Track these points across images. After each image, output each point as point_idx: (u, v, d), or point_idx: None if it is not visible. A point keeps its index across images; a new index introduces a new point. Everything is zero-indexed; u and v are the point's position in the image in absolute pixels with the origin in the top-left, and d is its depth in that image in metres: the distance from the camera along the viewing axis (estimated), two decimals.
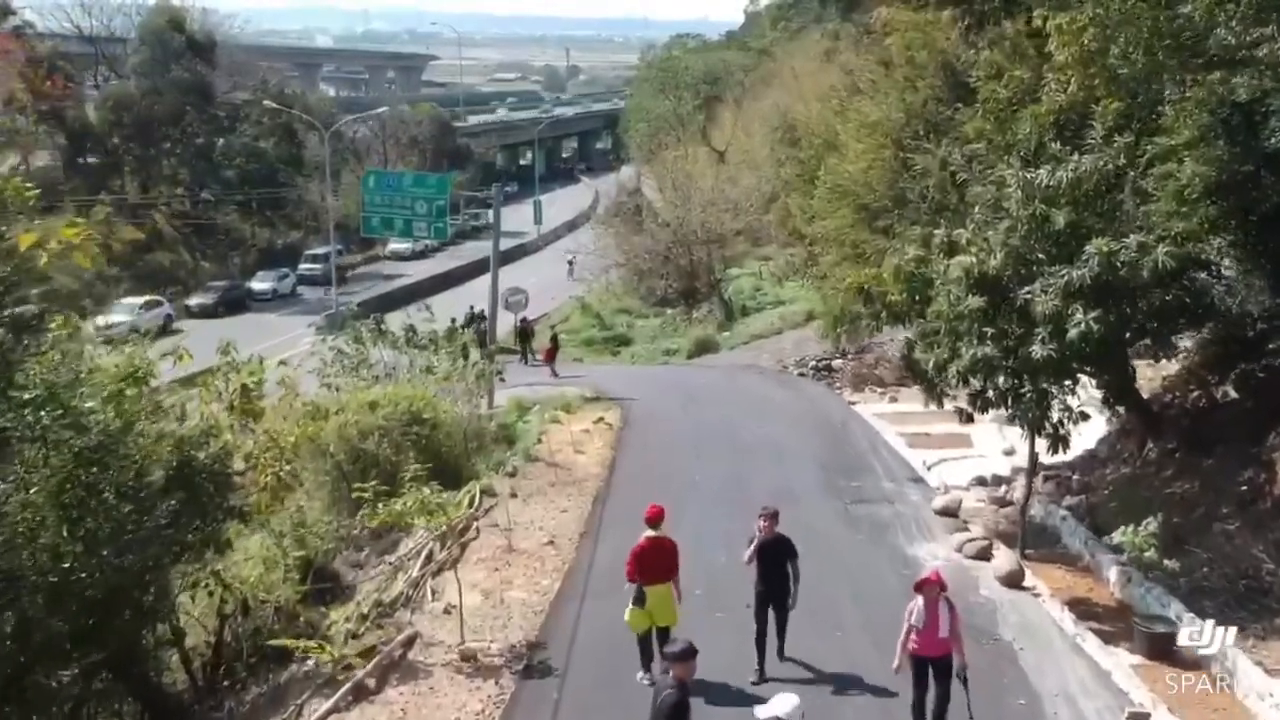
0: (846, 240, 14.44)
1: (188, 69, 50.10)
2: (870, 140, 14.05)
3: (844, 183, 14.36)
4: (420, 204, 26.26)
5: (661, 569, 10.28)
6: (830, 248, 14.83)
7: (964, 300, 10.84)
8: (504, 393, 28.49)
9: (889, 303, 11.61)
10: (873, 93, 15.37)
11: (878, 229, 13.97)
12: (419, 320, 22.66)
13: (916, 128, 13.65)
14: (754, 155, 53.59)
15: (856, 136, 14.58)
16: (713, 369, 30.30)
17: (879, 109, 14.10)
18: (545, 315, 43.91)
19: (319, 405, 17.57)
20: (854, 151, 14.71)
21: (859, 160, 14.33)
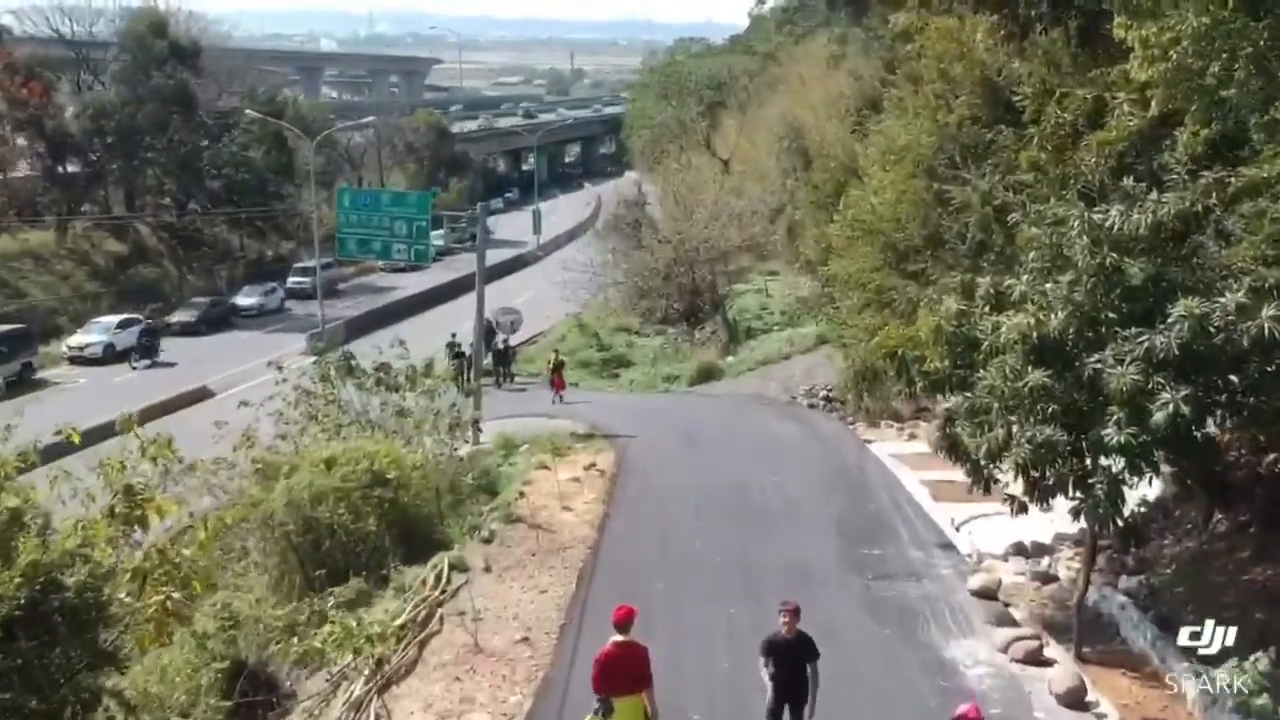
0: (870, 284, 12.40)
1: (171, 76, 48.16)
2: (898, 169, 12.00)
3: (867, 218, 12.31)
4: (400, 224, 24.31)
5: (631, 679, 8.99)
6: (850, 291, 12.78)
7: (1022, 373, 8.80)
8: (492, 425, 26.61)
9: (927, 371, 9.59)
10: (898, 111, 13.28)
11: (908, 273, 11.94)
12: (393, 355, 20.61)
13: (952, 153, 11.61)
14: (759, 164, 51.52)
15: (881, 163, 12.53)
16: (717, 399, 28.28)
17: (906, 131, 12.03)
18: (541, 334, 41.94)
19: (269, 463, 15.55)
20: (878, 180, 12.66)
21: (885, 191, 12.26)
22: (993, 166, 11.65)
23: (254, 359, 39.82)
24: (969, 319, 9.90)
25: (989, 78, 11.94)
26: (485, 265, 65.16)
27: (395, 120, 75.28)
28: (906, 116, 12.67)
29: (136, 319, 42.02)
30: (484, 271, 25.70)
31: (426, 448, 17.63)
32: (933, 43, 12.96)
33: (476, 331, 26.74)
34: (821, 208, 19.70)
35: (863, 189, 13.82)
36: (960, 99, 11.96)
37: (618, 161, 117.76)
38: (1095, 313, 9.29)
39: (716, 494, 18.43)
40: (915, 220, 11.83)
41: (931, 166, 11.69)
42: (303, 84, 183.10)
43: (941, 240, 11.55)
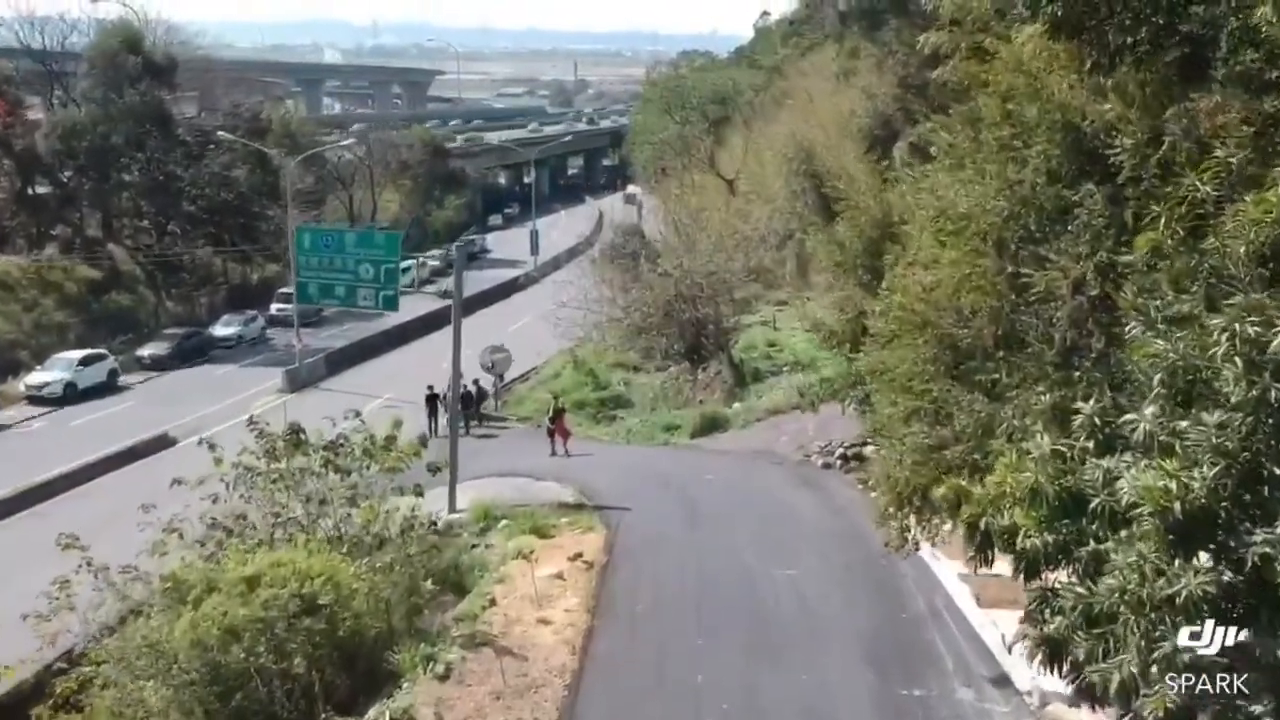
0: (920, 390, 9.67)
1: (144, 93, 45.59)
2: (958, 241, 9.28)
3: (919, 305, 9.58)
4: (365, 266, 21.70)
5: None
6: (893, 393, 10.07)
7: (1167, 571, 6.09)
8: (475, 486, 23.94)
9: (1021, 550, 6.87)
10: (951, 160, 10.51)
11: (973, 380, 9.21)
12: (349, 427, 17.90)
13: (1027, 222, 8.84)
14: (766, 185, 48.86)
15: (934, 230, 9.81)
16: (722, 456, 25.53)
17: (967, 191, 9.28)
18: (533, 370, 39.24)
19: (180, 581, 12.82)
20: (927, 251, 9.95)
21: (940, 267, 9.53)
22: (1081, 238, 8.89)
23: (226, 398, 37.26)
24: (1069, 463, 7.16)
25: (1072, 122, 9.16)
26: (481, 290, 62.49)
27: (388, 136, 72.55)
28: (964, 169, 9.89)
29: (102, 354, 39.34)
30: (460, 317, 23.02)
31: (377, 553, 14.86)
32: (997, 75, 10.20)
33: (453, 382, 24.05)
34: (848, 270, 16.71)
35: (905, 258, 11.01)
36: (1036, 149, 9.18)
37: (621, 174, 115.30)
38: (1258, 468, 6.56)
39: (722, 596, 15.69)
40: (983, 312, 9.08)
41: (1002, 239, 8.96)
42: (304, 95, 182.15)
43: (1019, 340, 8.81)
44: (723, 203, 50.05)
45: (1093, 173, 9.40)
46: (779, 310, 41.87)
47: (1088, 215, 9.03)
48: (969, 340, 9.16)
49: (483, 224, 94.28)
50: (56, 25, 48.42)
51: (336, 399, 38.80)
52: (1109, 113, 9.36)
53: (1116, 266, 8.45)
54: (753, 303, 42.27)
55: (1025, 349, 8.69)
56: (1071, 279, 8.33)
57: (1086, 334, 8.30)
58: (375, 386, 38.58)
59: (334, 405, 37.50)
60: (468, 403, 30.94)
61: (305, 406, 37.41)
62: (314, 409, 37.55)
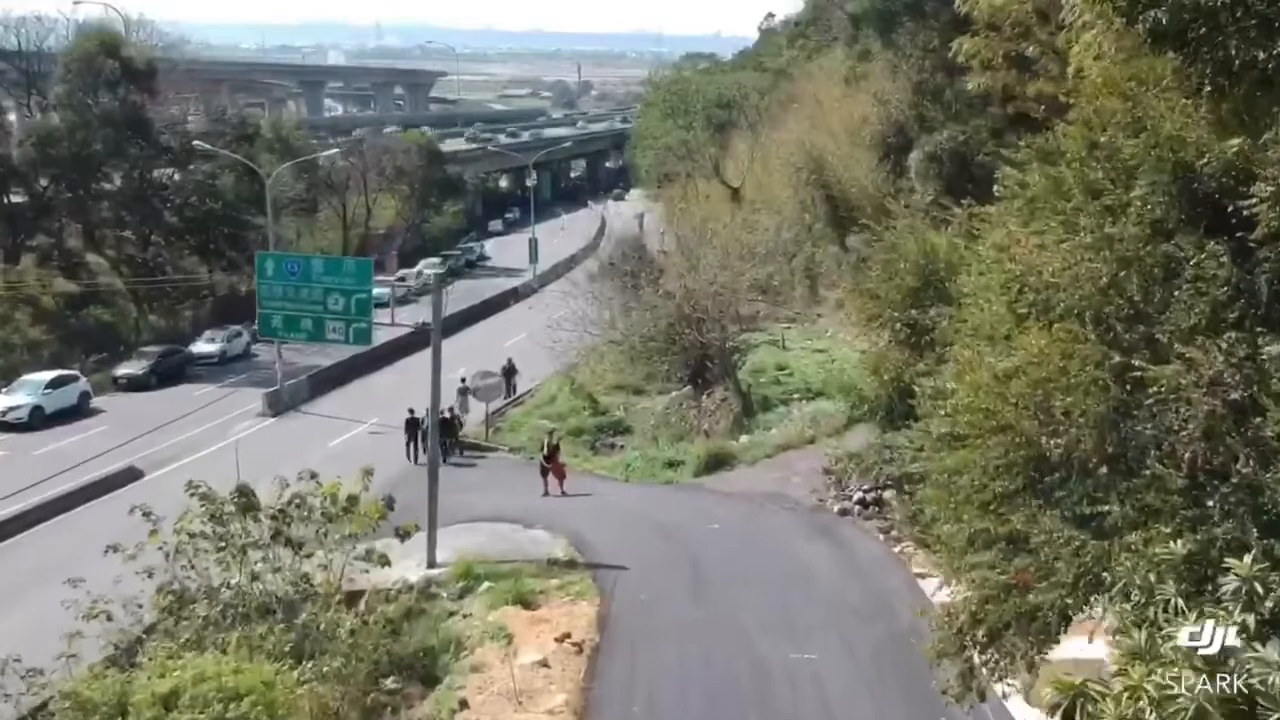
0: (991, 509, 7.53)
1: (122, 99, 43.52)
2: (1045, 318, 7.13)
3: (993, 401, 7.41)
4: (335, 297, 19.62)
5: None
6: (959, 507, 7.90)
7: None
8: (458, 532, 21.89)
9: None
10: (1025, 206, 8.32)
11: (1067, 504, 7.09)
12: (306, 489, 15.81)
13: (1129, 290, 6.70)
14: (773, 194, 46.81)
15: (1009, 300, 7.63)
16: (729, 499, 23.37)
17: (1053, 251, 7.14)
18: (528, 393, 37.07)
19: (82, 700, 10.71)
20: (1001, 326, 7.80)
21: (1020, 351, 7.35)
22: (1194, 309, 6.75)
23: (203, 422, 35.14)
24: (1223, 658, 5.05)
25: (1185, 161, 7.02)
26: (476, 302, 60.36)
27: (383, 140, 70.45)
28: (1044, 218, 7.74)
29: (73, 375, 37.23)
30: (440, 349, 20.93)
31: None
32: (1082, 101, 8.05)
33: (432, 416, 21.97)
34: (884, 325, 14.30)
35: (965, 329, 8.79)
36: (1137, 193, 7.05)
37: (624, 177, 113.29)
38: None
39: (729, 694, 13.57)
40: (1081, 416, 6.96)
41: (1102, 315, 6.87)
42: (305, 97, 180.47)
43: (1133, 457, 6.70)
44: (728, 213, 47.82)
45: (1212, 225, 7.25)
46: (787, 328, 39.76)
47: (1204, 281, 6.91)
48: (1061, 452, 7.06)
49: (483, 229, 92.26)
50: (33, 26, 46.50)
51: (318, 425, 36.76)
52: (1232, 149, 7.23)
53: (1261, 357, 6.31)
54: (759, 319, 40.17)
55: (1141, 469, 6.60)
56: (1202, 374, 6.21)
57: (1225, 452, 6.19)
58: (361, 409, 36.56)
59: (315, 431, 35.82)
60: (445, 430, 29.12)
61: (285, 433, 35.45)
62: (293, 436, 35.69)
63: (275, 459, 31.97)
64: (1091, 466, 6.93)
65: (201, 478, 29.57)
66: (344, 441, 33.55)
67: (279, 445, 33.35)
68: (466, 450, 31.14)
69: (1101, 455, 6.83)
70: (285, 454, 32.63)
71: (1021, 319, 7.54)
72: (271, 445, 33.36)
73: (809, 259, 42.00)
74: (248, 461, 31.79)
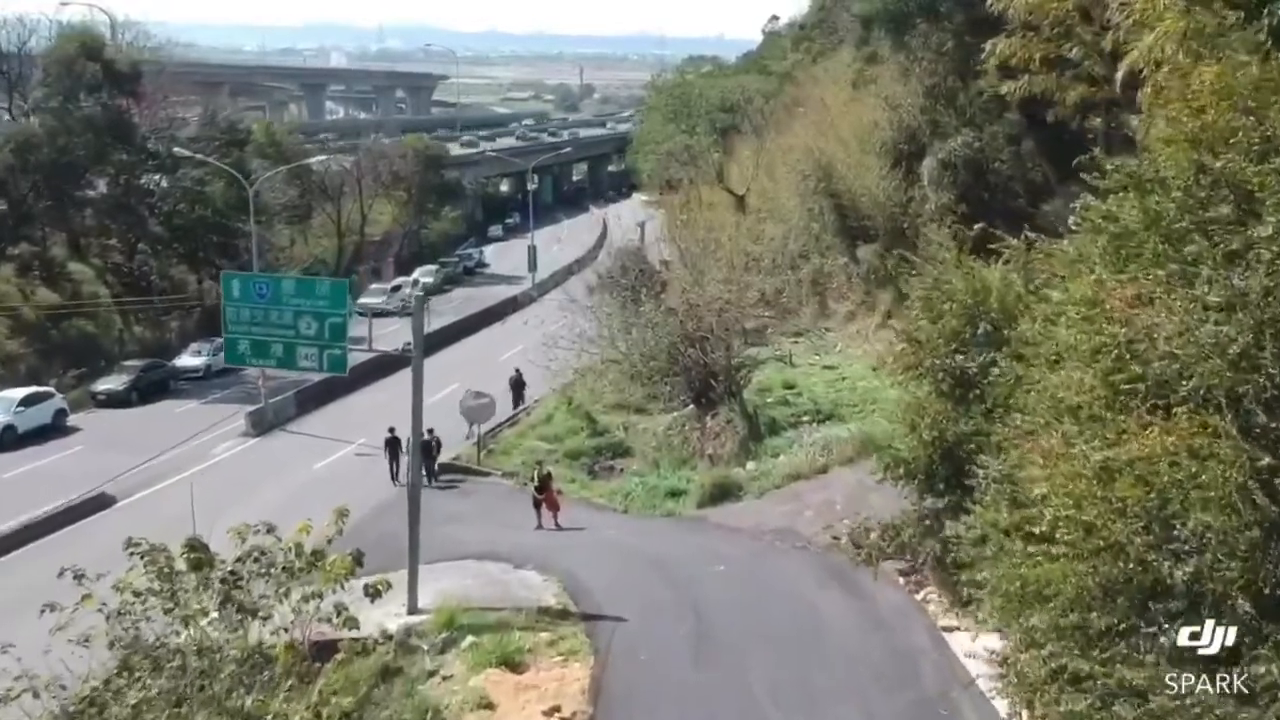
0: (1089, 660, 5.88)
1: (104, 103, 41.96)
2: (1161, 411, 5.48)
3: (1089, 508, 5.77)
4: (307, 321, 17.99)
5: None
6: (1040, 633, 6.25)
7: None
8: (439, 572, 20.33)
9: None
10: (1116, 249, 6.64)
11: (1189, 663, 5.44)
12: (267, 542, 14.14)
13: (1272, 370, 5.06)
14: (780, 203, 45.20)
15: (1105, 375, 5.99)
16: (735, 536, 21.74)
17: (1168, 312, 5.50)
18: (524, 411, 35.42)
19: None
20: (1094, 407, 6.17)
21: (1124, 443, 5.71)
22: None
23: (183, 442, 33.54)
24: None
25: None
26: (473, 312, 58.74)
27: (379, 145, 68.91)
28: (1148, 263, 6.09)
29: (48, 393, 35.65)
30: (421, 374, 19.35)
31: None
32: (1163, 110, 6.42)
33: (414, 446, 20.39)
34: (924, 375, 12.32)
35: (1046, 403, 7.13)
36: (1270, 236, 5.40)
37: (627, 181, 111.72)
38: None
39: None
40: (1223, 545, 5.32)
41: (1237, 398, 5.26)
42: (306, 100, 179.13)
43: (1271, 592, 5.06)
44: (732, 221, 46.23)
45: None
46: (794, 342, 38.14)
47: None
48: (1189, 580, 5.43)
49: (482, 235, 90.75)
50: (14, 28, 44.95)
51: (304, 445, 35.13)
52: None
53: None
54: (765, 333, 38.57)
55: None
56: None
57: None
58: (350, 428, 34.92)
59: (300, 453, 34.15)
60: (426, 453, 27.86)
61: (268, 455, 33.79)
62: (276, 458, 33.98)
63: (255, 484, 30.52)
64: (1231, 604, 5.33)
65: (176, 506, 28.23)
66: (329, 464, 31.97)
67: (260, 468, 31.79)
68: (456, 474, 29.63)
69: (1247, 591, 5.23)
70: (266, 478, 31.10)
71: (1123, 395, 5.93)
72: (252, 468, 31.80)
73: (817, 270, 40.40)
74: (225, 487, 30.33)
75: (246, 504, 28.45)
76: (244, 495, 28.94)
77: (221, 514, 27.49)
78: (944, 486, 10.80)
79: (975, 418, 9.09)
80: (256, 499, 28.41)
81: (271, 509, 26.74)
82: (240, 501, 28.68)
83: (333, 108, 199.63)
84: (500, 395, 35.76)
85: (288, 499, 28.49)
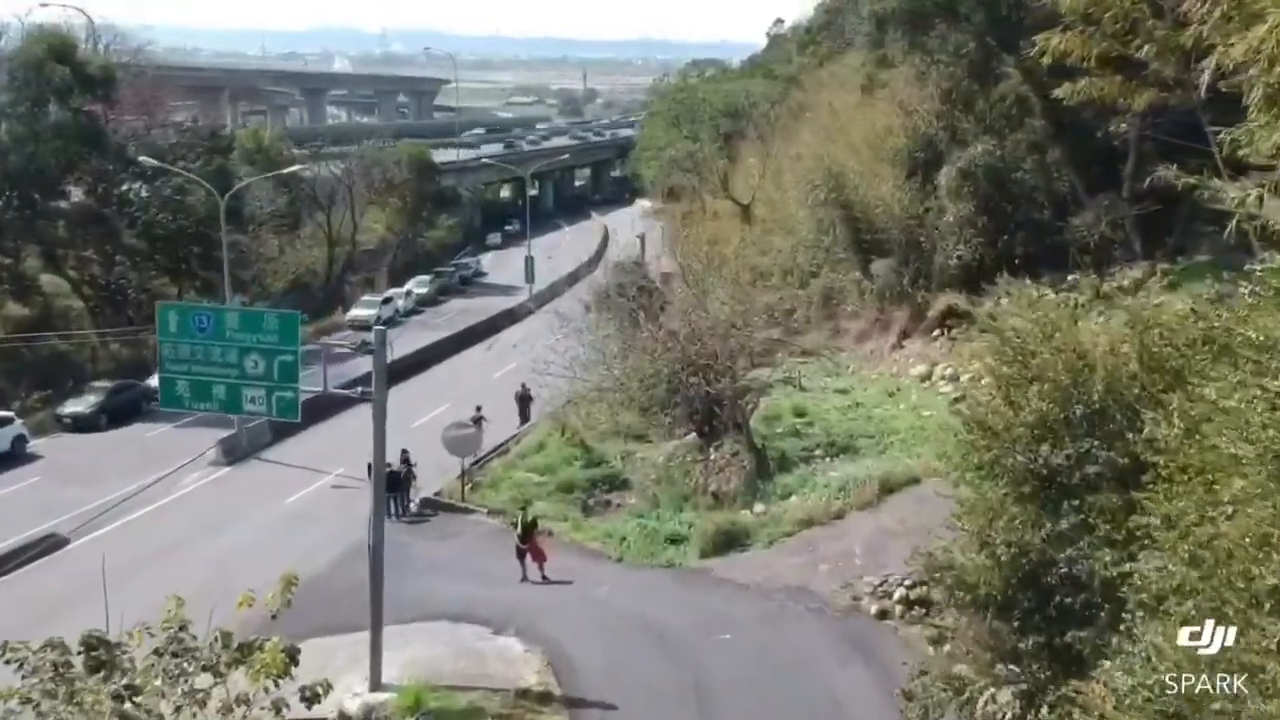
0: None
1: (76, 110, 39.77)
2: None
3: None
4: (254, 359, 15.74)
5: None
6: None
7: None
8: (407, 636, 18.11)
9: None
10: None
11: None
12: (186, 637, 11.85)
13: None
14: (788, 214, 42.88)
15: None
16: (742, 595, 19.40)
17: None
18: (513, 439, 33.10)
19: None
20: None
21: None
22: None
23: (150, 470, 30.82)
24: None
25: None
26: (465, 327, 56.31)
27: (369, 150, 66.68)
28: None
29: (7, 418, 33.40)
30: (383, 417, 17.12)
31: None
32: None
33: (376, 482, 18.15)
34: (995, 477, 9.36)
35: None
36: None
37: (630, 187, 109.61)
38: None
39: None
40: None
41: None
42: (307, 105, 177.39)
43: None
44: (737, 232, 44.01)
45: None
46: (803, 363, 35.79)
47: None
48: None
49: (481, 243, 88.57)
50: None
51: (277, 476, 32.69)
52: None
53: None
54: (773, 355, 36.18)
55: None
56: None
57: None
58: (328, 456, 32.53)
59: (272, 485, 31.60)
60: (395, 484, 26.26)
61: (237, 487, 31.28)
62: (246, 491, 31.17)
63: (218, 523, 28.14)
64: None
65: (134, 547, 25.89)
66: (303, 497, 29.66)
67: (227, 504, 29.45)
68: (439, 510, 27.47)
69: None
70: (232, 515, 28.71)
71: None
72: (218, 504, 29.45)
73: (827, 286, 38.08)
74: (187, 526, 28.00)
75: (204, 548, 26.15)
76: (204, 537, 26.68)
77: (176, 560, 25.36)
78: (1023, 621, 8.48)
79: (1068, 523, 6.79)
80: (216, 543, 26.19)
81: (230, 554, 24.50)
82: (197, 545, 26.40)
83: (334, 112, 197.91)
84: (500, 414, 33.72)
85: (251, 541, 26.26)
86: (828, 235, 37.47)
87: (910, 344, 33.81)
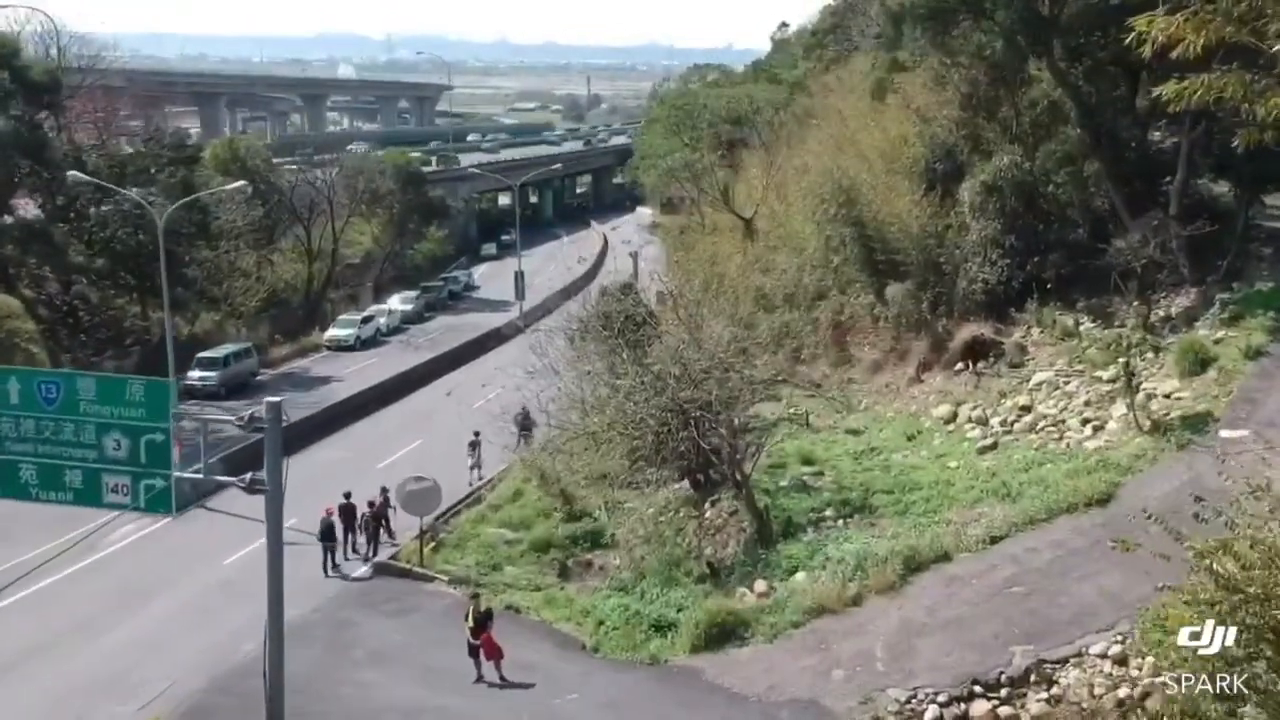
0: None
1: (18, 118, 36.55)
2: None
3: None
4: (114, 438, 12.37)
5: None
6: None
7: None
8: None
9: None
10: None
11: None
12: None
13: None
14: (793, 230, 39.41)
15: None
16: (739, 708, 15.93)
17: None
18: (489, 485, 29.69)
19: None
20: None
21: None
22: None
23: (78, 523, 27.44)
24: None
25: None
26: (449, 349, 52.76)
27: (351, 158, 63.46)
28: None
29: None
30: (279, 522, 13.67)
31: None
32: None
33: (271, 608, 14.65)
34: None
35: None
36: None
37: (631, 194, 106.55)
38: None
39: None
40: None
41: None
42: (307, 111, 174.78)
43: None
44: (738, 249, 40.60)
45: None
46: (810, 396, 32.33)
47: None
48: None
49: (475, 254, 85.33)
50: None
51: (221, 529, 28.14)
52: None
53: None
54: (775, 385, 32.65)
55: None
56: None
57: None
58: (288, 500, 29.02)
59: (213, 540, 27.40)
60: (351, 524, 25.35)
61: (175, 543, 27.35)
62: (184, 548, 26.91)
63: (144, 589, 24.53)
64: None
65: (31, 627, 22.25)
66: (243, 558, 25.97)
67: (158, 565, 25.96)
68: (394, 576, 24.12)
69: None
70: (162, 580, 25.26)
71: None
72: (148, 565, 25.95)
73: (837, 310, 34.62)
74: (106, 594, 24.51)
75: (111, 630, 22.26)
76: (115, 614, 23.03)
77: (70, 648, 21.67)
78: None
79: None
80: (127, 623, 22.53)
81: (139, 640, 20.73)
82: (104, 626, 22.50)
83: (335, 118, 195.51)
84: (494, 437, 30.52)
85: (168, 619, 22.65)
86: (837, 254, 34.02)
87: (930, 378, 30.31)
